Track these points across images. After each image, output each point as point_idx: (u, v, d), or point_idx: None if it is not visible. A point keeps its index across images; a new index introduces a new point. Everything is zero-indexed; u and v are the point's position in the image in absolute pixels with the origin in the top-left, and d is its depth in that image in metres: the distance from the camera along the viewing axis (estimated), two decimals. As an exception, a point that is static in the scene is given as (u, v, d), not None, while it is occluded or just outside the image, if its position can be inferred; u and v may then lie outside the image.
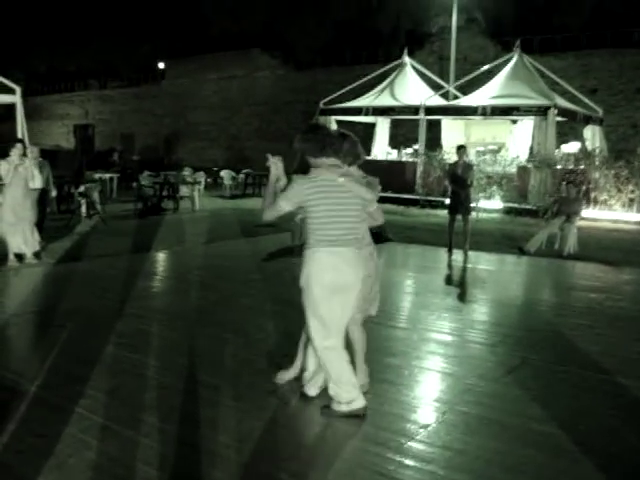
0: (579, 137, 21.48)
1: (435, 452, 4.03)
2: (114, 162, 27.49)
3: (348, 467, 3.87)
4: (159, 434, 4.16)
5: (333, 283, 4.23)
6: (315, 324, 4.31)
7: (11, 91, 12.82)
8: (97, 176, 19.49)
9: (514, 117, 20.04)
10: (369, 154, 21.24)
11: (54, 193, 13.08)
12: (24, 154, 9.64)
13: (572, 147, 20.38)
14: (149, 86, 43.14)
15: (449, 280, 9.82)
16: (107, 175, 21.01)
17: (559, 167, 18.32)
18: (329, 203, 4.24)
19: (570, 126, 21.99)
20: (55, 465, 3.76)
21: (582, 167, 18.25)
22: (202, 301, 7.81)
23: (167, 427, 4.26)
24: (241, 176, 23.82)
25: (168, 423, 4.32)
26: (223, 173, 23.88)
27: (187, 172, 21.61)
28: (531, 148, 19.45)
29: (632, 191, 17.47)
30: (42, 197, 11.72)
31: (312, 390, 4.69)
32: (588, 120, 21.02)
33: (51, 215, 13.92)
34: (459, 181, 11.32)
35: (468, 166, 11.70)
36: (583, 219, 13.23)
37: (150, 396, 4.76)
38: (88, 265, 10.01)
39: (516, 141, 20.92)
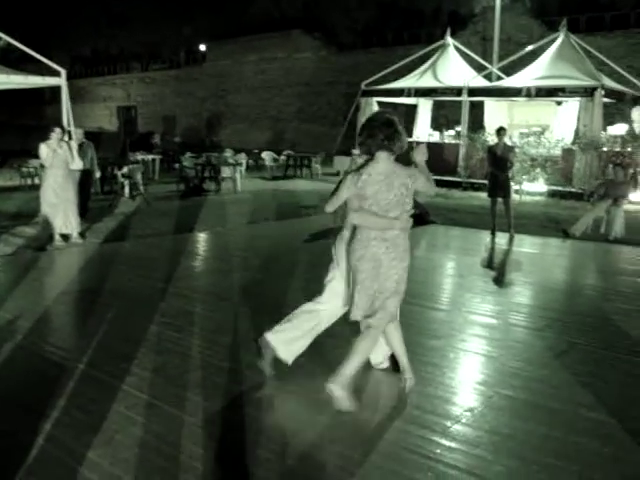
0: (626, 118, 20.96)
1: (482, 436, 3.98)
2: (155, 144, 27.69)
3: (393, 449, 3.84)
4: (204, 413, 4.19)
5: None
6: None
7: (56, 74, 12.93)
8: (139, 157, 19.68)
9: (559, 98, 19.62)
10: (410, 136, 21.02)
11: (98, 174, 13.26)
12: (62, 138, 9.84)
13: (619, 129, 19.90)
14: (190, 68, 43.35)
15: (493, 263, 9.69)
16: (149, 157, 21.20)
17: (605, 149, 17.91)
18: None
19: (617, 107, 21.46)
20: (103, 440, 3.82)
21: (629, 149, 17.81)
22: (245, 281, 7.83)
23: (212, 406, 4.29)
24: (282, 157, 23.81)
25: (213, 402, 4.34)
26: (264, 155, 23.90)
27: (229, 153, 21.68)
28: (576, 130, 19.04)
29: (681, 174, 17.01)
30: (86, 178, 11.90)
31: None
32: (636, 101, 20.47)
33: (95, 196, 14.13)
34: (499, 163, 11.13)
35: (508, 148, 11.50)
36: (630, 203, 12.93)
37: (195, 375, 4.80)
38: (132, 245, 10.12)
39: (561, 123, 20.49)
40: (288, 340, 4.66)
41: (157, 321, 6.10)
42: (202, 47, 42.71)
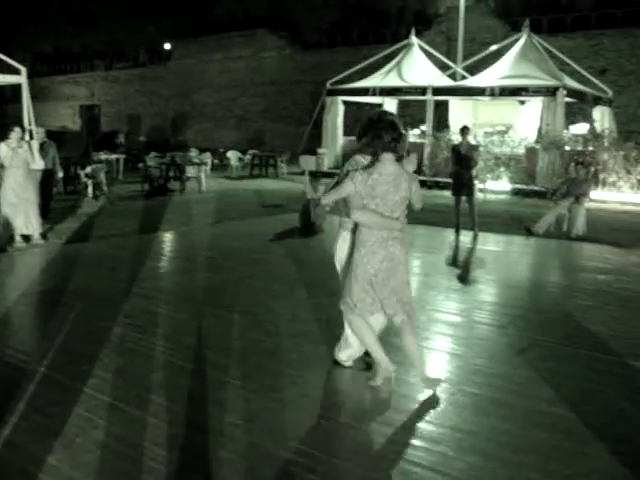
0: (588, 118, 21.32)
1: (445, 433, 4.00)
2: (120, 143, 27.41)
3: (355, 447, 3.85)
4: (167, 414, 4.15)
5: None
6: None
7: (16, 72, 12.73)
8: (103, 157, 19.45)
9: (522, 98, 19.89)
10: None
11: (60, 174, 13.07)
12: (22, 137, 9.69)
13: (581, 128, 20.22)
14: (155, 67, 43.03)
15: (457, 261, 9.76)
16: (113, 156, 20.96)
17: (567, 148, 18.18)
18: None
19: (579, 107, 21.82)
20: (63, 444, 3.75)
21: (591, 148, 18.11)
22: (209, 281, 7.79)
23: (175, 407, 4.25)
24: (248, 157, 23.72)
25: (176, 403, 4.31)
26: (229, 154, 23.78)
27: (194, 153, 21.53)
28: (539, 129, 19.31)
29: (641, 173, 17.33)
30: (48, 178, 11.72)
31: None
32: (597, 101, 20.85)
33: (58, 196, 13.93)
34: (463, 162, 11.23)
35: (472, 147, 11.61)
36: (592, 201, 13.13)
37: (158, 376, 4.75)
38: (95, 245, 10.00)
39: (524, 122, 20.77)
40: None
41: (120, 322, 6.02)
42: (167, 46, 42.41)
